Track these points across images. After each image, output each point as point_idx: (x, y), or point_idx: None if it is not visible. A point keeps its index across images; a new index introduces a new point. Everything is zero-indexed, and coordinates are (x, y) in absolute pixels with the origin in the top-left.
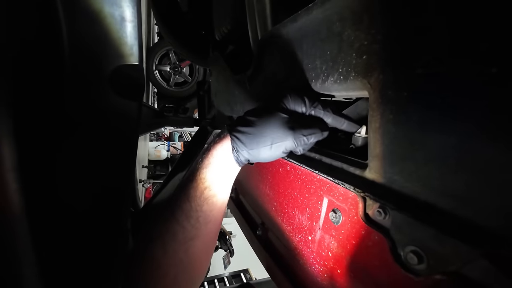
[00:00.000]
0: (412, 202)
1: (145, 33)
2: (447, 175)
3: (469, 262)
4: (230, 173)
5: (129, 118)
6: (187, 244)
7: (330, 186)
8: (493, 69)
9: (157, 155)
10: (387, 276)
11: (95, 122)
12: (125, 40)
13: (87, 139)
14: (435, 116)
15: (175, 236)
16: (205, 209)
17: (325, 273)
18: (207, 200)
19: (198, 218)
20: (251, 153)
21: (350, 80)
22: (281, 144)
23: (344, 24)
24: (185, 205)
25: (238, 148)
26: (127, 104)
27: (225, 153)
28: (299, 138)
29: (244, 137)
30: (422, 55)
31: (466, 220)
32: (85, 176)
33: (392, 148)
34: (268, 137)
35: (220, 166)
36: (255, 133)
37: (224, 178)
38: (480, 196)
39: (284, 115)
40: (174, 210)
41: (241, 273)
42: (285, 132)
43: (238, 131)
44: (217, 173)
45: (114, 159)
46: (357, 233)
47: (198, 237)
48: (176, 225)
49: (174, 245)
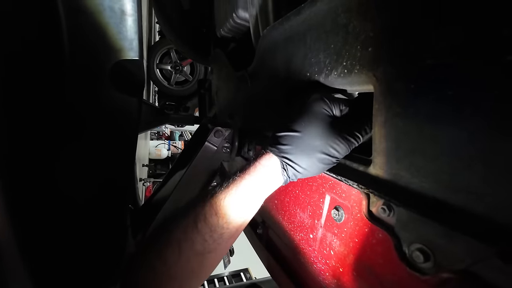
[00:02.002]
0: (420, 199)
1: (147, 31)
2: (460, 170)
3: (481, 261)
4: (268, 193)
5: (129, 114)
6: (204, 256)
7: (332, 183)
8: (509, 57)
9: (157, 154)
10: (392, 275)
11: (95, 117)
12: (125, 35)
13: (87, 135)
14: (447, 109)
15: (193, 246)
16: (231, 227)
17: (327, 271)
18: (238, 219)
19: (223, 235)
20: (303, 170)
21: (355, 73)
22: (333, 154)
23: (349, 16)
24: (211, 218)
25: (288, 169)
26: (127, 99)
27: (270, 175)
28: (349, 141)
29: (293, 156)
30: (433, 45)
31: (479, 216)
32: (84, 171)
33: (399, 142)
34: (318, 147)
35: (261, 186)
36: (303, 147)
37: (262, 199)
38: (496, 191)
39: (326, 123)
40: (198, 220)
41: (241, 273)
42: (335, 136)
43: (286, 150)
44: (256, 194)
45: (114, 155)
46: (360, 231)
47: (216, 251)
48: (197, 236)
49: (190, 254)
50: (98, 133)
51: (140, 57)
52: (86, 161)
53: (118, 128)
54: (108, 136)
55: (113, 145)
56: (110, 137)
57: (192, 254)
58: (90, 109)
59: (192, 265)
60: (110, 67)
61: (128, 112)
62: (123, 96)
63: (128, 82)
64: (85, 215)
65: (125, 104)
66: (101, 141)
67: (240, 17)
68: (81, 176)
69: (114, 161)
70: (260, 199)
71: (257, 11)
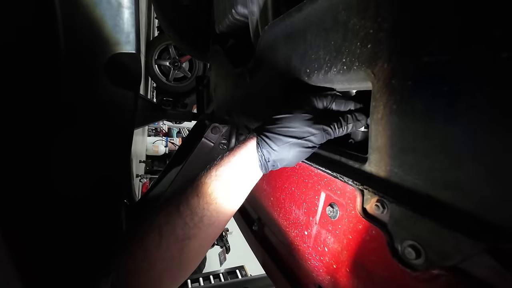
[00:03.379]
0: (412, 196)
1: (145, 26)
2: (452, 167)
3: (470, 257)
4: (249, 177)
5: (125, 108)
6: (184, 242)
7: (328, 180)
8: (503, 54)
9: (155, 151)
10: (384, 271)
11: (90, 111)
12: (121, 27)
13: (82, 128)
14: (441, 106)
15: (174, 230)
16: (212, 209)
17: (321, 268)
18: (217, 199)
19: (203, 218)
20: (277, 148)
21: (354, 70)
22: (308, 139)
23: (349, 13)
24: (193, 200)
25: (263, 146)
26: (123, 93)
27: (249, 153)
28: (325, 131)
29: (270, 134)
30: (429, 43)
31: (469, 213)
32: (79, 165)
33: (395, 139)
34: (294, 132)
35: (240, 166)
36: (281, 129)
37: (241, 181)
38: (486, 189)
39: (307, 114)
40: (180, 203)
41: (236, 270)
42: (311, 127)
43: (265, 129)
44: (235, 173)
45: (109, 149)
46: (354, 228)
47: (196, 237)
48: (178, 219)
49: (170, 240)
50: (93, 127)
51: (137, 50)
52: (80, 155)
53: (114, 122)
54: (103, 130)
55: (109, 139)
56: (106, 131)
57: (173, 240)
58: (86, 103)
59: (172, 252)
60: (106, 60)
61: (124, 106)
62: (119, 90)
63: (124, 75)
64: (79, 209)
65: (121, 98)
66: (97, 135)
67: (239, 13)
68: (75, 170)
69: (109, 155)
70: (241, 181)
71: (256, 7)
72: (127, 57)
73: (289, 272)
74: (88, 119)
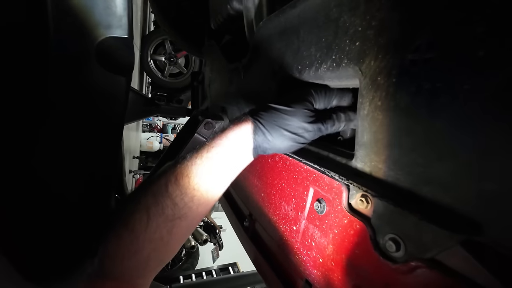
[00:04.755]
0: (395, 190)
1: (141, 21)
2: (431, 162)
3: (446, 249)
4: (239, 161)
5: (116, 95)
6: (173, 222)
7: (316, 176)
8: (480, 52)
9: (149, 147)
10: (366, 264)
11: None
12: (113, 10)
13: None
14: (422, 103)
15: (163, 211)
16: (203, 189)
17: (308, 262)
18: (208, 180)
19: (193, 198)
20: (272, 139)
21: (343, 67)
22: (301, 135)
23: (341, 10)
24: (182, 180)
25: (258, 132)
26: (114, 79)
27: (242, 136)
28: (319, 129)
29: (267, 123)
30: (413, 41)
31: (446, 208)
32: (67, 155)
33: (379, 135)
34: (291, 126)
35: (231, 148)
36: (278, 120)
37: (231, 164)
38: (462, 184)
39: (308, 111)
40: (169, 182)
41: (229, 267)
42: (307, 124)
43: (262, 116)
44: (226, 155)
45: (99, 139)
46: (339, 222)
47: (186, 217)
48: (167, 200)
49: (160, 220)
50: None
51: (130, 35)
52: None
53: (104, 108)
54: (94, 116)
55: (98, 127)
56: (96, 119)
57: (162, 220)
58: (74, 88)
59: (161, 233)
60: (97, 44)
61: (115, 92)
62: (110, 75)
63: (116, 60)
64: (66, 201)
65: (112, 84)
66: (86, 123)
67: (234, 9)
68: (62, 160)
69: (98, 145)
70: (232, 162)
71: (251, 3)
72: (119, 42)
73: (278, 267)
74: (78, 104)
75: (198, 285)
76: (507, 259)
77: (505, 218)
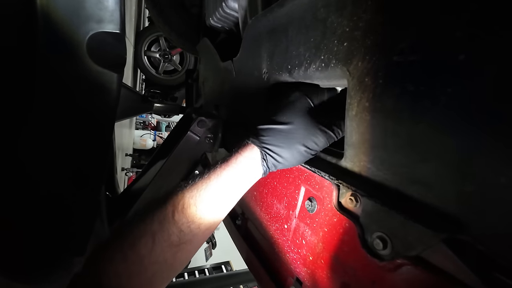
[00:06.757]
0: (383, 190)
1: (135, 16)
2: (416, 162)
3: (430, 247)
4: (247, 187)
5: (108, 90)
6: (179, 247)
7: (307, 175)
8: (461, 56)
9: (142, 144)
10: (355, 262)
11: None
12: (105, 4)
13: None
14: (407, 104)
15: (169, 237)
16: (209, 217)
17: (298, 260)
18: (214, 210)
19: (200, 225)
20: (283, 162)
21: (331, 67)
22: (313, 141)
23: (328, 10)
24: (190, 209)
25: (268, 158)
26: (106, 74)
27: (250, 165)
28: (330, 133)
29: (274, 147)
30: (398, 43)
31: (431, 207)
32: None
33: (367, 136)
34: (299, 139)
35: (239, 178)
36: (283, 140)
37: (239, 191)
38: (445, 184)
39: (309, 113)
40: (176, 210)
41: (222, 265)
42: (315, 130)
43: (267, 141)
44: (234, 184)
45: (88, 133)
46: (329, 221)
47: (192, 242)
48: (173, 227)
49: (164, 245)
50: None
51: (122, 30)
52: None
53: (94, 103)
54: (82, 111)
55: (89, 123)
56: (84, 112)
57: (167, 245)
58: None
59: (166, 256)
60: (88, 39)
61: (106, 87)
62: (102, 70)
63: (107, 55)
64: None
65: (104, 80)
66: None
67: (229, 6)
68: (47, 155)
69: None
70: (241, 190)
71: (246, 2)
72: (110, 36)
73: (270, 266)
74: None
75: (191, 283)
76: (486, 256)
77: (484, 217)
